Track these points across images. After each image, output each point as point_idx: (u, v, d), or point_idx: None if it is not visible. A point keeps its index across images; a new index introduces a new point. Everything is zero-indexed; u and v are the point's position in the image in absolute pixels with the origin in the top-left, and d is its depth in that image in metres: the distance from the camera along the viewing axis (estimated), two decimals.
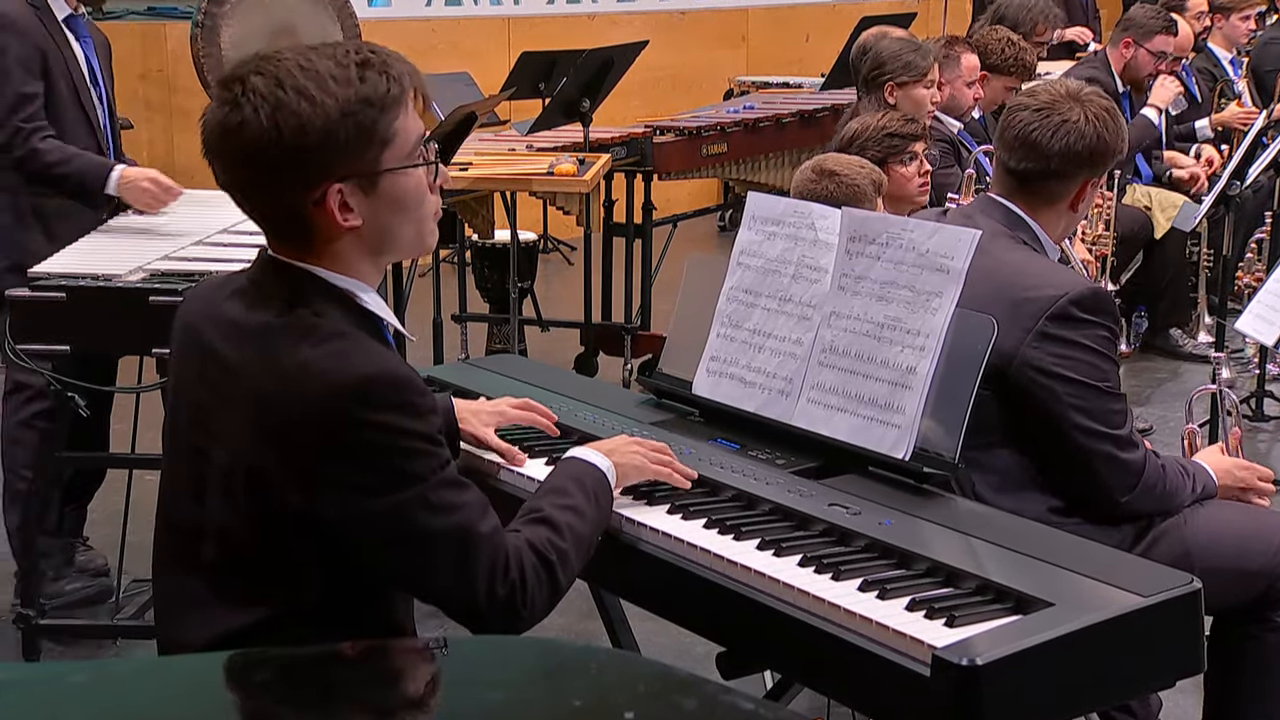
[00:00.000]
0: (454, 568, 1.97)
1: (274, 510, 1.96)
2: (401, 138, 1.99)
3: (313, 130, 1.92)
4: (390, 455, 1.93)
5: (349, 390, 1.91)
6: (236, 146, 1.94)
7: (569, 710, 1.51)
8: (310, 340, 1.96)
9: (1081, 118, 2.76)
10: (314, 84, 1.92)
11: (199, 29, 5.12)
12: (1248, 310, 3.95)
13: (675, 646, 3.51)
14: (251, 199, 2.02)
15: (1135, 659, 2.07)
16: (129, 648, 3.75)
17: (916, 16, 7.78)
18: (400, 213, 2.03)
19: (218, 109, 1.96)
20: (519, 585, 2.01)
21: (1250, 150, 5.46)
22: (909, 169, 3.89)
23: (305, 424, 1.92)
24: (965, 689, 1.89)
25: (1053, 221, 2.84)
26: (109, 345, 3.64)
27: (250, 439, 1.96)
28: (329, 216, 1.98)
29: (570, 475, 2.27)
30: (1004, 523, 2.34)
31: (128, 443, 4.04)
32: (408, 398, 1.95)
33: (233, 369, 2.00)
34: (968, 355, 2.39)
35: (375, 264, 2.07)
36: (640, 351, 5.72)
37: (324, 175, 1.95)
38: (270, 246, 2.07)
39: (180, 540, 2.09)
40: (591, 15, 8.80)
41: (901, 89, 4.62)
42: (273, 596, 2.00)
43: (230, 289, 2.08)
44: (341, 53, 1.96)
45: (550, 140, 5.53)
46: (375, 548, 1.97)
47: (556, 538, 2.10)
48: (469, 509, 2.00)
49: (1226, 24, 7.33)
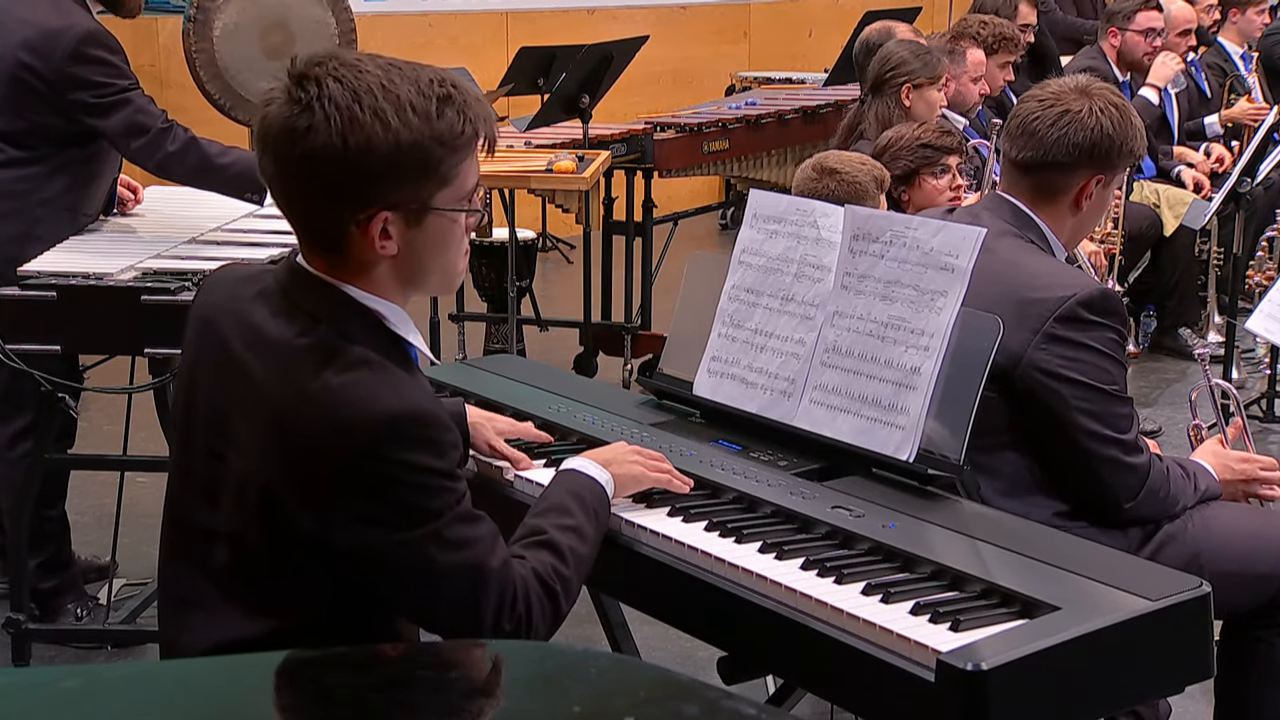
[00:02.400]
0: (462, 603, 1.97)
1: (286, 529, 1.95)
2: (460, 180, 1.98)
3: (378, 155, 1.89)
4: (409, 491, 1.92)
5: (374, 426, 1.89)
6: (299, 150, 1.90)
7: (569, 716, 1.50)
8: (336, 365, 1.93)
9: (1085, 110, 2.73)
10: (392, 108, 1.89)
11: (191, 23, 5.10)
12: (1258, 309, 3.93)
13: (676, 651, 3.50)
14: (296, 204, 1.98)
15: (1143, 664, 2.06)
16: (121, 653, 3.73)
17: (921, 10, 7.77)
18: (439, 252, 2.01)
19: (286, 105, 1.91)
20: (524, 619, 2.01)
21: (1261, 146, 5.44)
22: (940, 181, 3.86)
23: (325, 453, 1.90)
24: (971, 694, 1.88)
25: (1058, 222, 2.80)
26: (100, 345, 3.62)
27: (267, 458, 1.94)
28: (368, 240, 1.95)
29: (569, 491, 2.24)
30: (1010, 525, 2.33)
31: (119, 444, 4.01)
32: (431, 435, 1.93)
33: (254, 381, 1.97)
34: (973, 356, 2.37)
35: (403, 294, 2.04)
36: (640, 351, 5.70)
37: (376, 200, 1.93)
38: (302, 254, 2.03)
39: (190, 538, 2.08)
40: (591, 9, 8.78)
41: (918, 90, 4.61)
42: (280, 609, 2.00)
43: (255, 289, 2.05)
44: (425, 81, 1.93)
45: (549, 137, 5.52)
46: (385, 579, 1.97)
47: (561, 565, 2.10)
48: (481, 544, 1.98)
49: (1242, 18, 7.29)
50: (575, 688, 1.56)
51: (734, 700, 1.46)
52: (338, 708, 1.57)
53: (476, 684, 1.66)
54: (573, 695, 1.54)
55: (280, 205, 2.01)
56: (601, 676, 1.60)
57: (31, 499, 3.60)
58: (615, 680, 1.59)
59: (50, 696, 1.57)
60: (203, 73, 5.35)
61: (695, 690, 1.50)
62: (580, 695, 1.54)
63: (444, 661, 1.76)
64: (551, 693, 1.57)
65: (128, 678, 1.73)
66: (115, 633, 3.72)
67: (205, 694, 1.61)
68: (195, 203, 4.03)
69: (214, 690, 1.63)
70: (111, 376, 4.05)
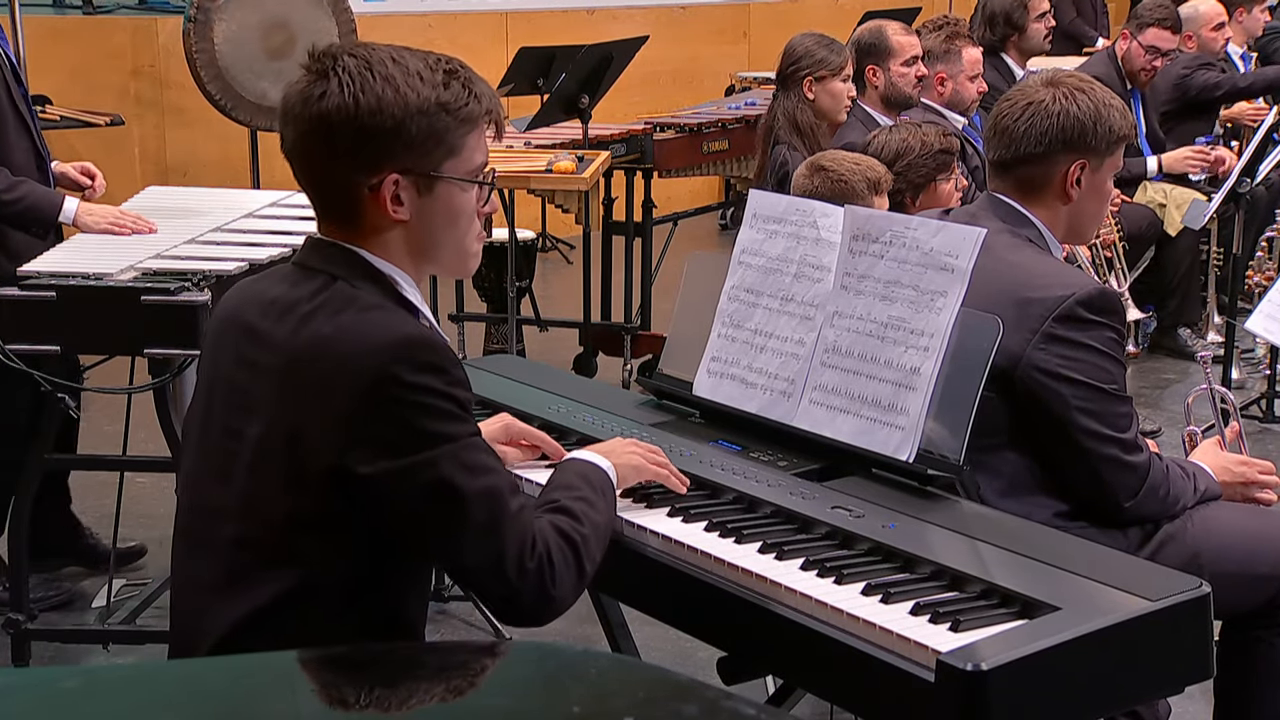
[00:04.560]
0: (484, 533, 2.00)
1: (305, 474, 1.99)
2: (467, 154, 2.09)
3: (388, 116, 2.01)
4: (424, 414, 1.98)
5: (387, 348, 1.97)
6: (313, 113, 2.02)
7: (569, 716, 1.49)
8: (350, 310, 2.02)
9: (1050, 98, 2.74)
10: (400, 75, 2.03)
11: (191, 24, 5.10)
12: (1258, 310, 3.93)
13: (676, 651, 3.50)
14: (312, 168, 2.08)
15: (1143, 664, 2.06)
16: (120, 653, 3.72)
17: (921, 10, 7.76)
18: (448, 225, 2.11)
19: (304, 78, 2.05)
20: (547, 562, 2.03)
21: (1261, 146, 5.43)
22: (950, 185, 3.89)
23: (340, 380, 1.97)
24: (971, 695, 1.88)
25: (1052, 216, 2.80)
26: (100, 345, 3.62)
27: (285, 400, 2.01)
28: (381, 205, 2.05)
29: (575, 473, 2.27)
30: (1009, 526, 2.32)
31: (118, 445, 4.00)
32: (443, 363, 2.01)
33: (269, 338, 2.06)
34: (973, 356, 2.37)
35: (416, 267, 2.13)
36: (640, 352, 5.70)
37: (386, 162, 2.04)
38: (319, 226, 2.13)
39: (201, 522, 2.11)
40: (591, 10, 8.77)
41: (820, 83, 4.61)
42: (286, 579, 2.02)
43: (275, 275, 2.16)
44: (433, 59, 2.07)
45: (549, 137, 5.52)
46: (407, 507, 1.99)
47: (576, 523, 2.12)
48: (500, 476, 2.04)
49: (1248, 17, 7.27)
50: (575, 688, 1.56)
51: (734, 700, 1.46)
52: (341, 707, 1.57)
53: (475, 680, 1.66)
54: (573, 695, 1.54)
55: (299, 176, 2.10)
56: (601, 676, 1.59)
57: (31, 499, 3.59)
58: (615, 680, 1.59)
59: (50, 696, 1.56)
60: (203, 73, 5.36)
61: (695, 690, 1.50)
62: (580, 695, 1.53)
63: (443, 660, 1.76)
64: (551, 693, 1.56)
65: (128, 678, 1.72)
66: (115, 633, 3.71)
67: (205, 694, 1.61)
68: (195, 203, 4.02)
69: (214, 690, 1.63)
70: (112, 377, 4.05)
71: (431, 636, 3.39)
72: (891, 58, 4.88)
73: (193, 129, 6.98)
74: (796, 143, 4.52)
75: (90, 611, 3.99)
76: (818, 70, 4.62)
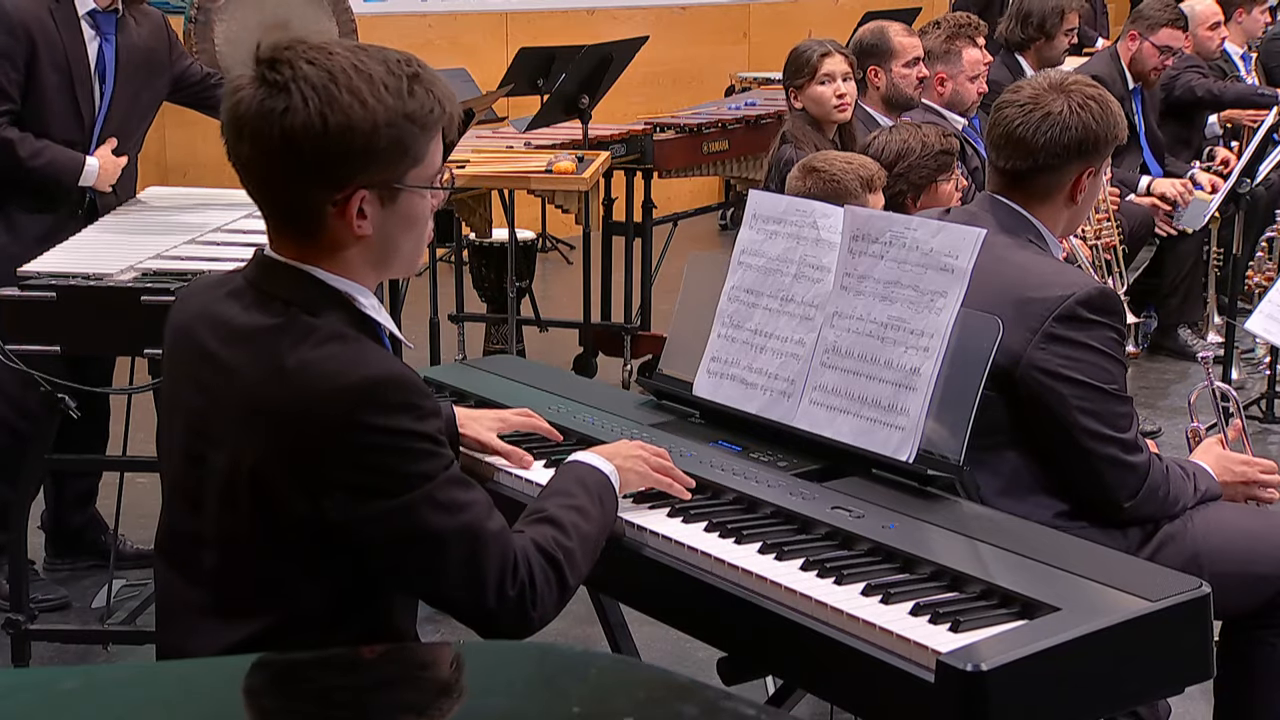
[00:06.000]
0: (464, 567, 1.97)
1: (277, 514, 1.95)
2: (429, 160, 2.01)
3: (358, 133, 1.91)
4: (396, 457, 1.92)
5: (353, 393, 1.90)
6: (276, 131, 1.91)
7: (568, 716, 1.50)
8: (310, 341, 1.94)
9: (1065, 108, 2.73)
10: (367, 87, 1.92)
11: (192, 24, 5.09)
12: (1258, 310, 3.92)
13: (676, 652, 3.49)
14: (271, 187, 1.98)
15: (1143, 665, 2.06)
16: (120, 653, 3.72)
17: (921, 11, 7.76)
18: (408, 230, 2.03)
19: (259, 89, 1.92)
20: (528, 585, 2.00)
21: (1260, 147, 5.43)
22: (950, 185, 3.89)
23: (309, 427, 1.90)
24: (970, 695, 1.88)
25: (1053, 217, 2.81)
26: (100, 346, 3.62)
27: (251, 442, 1.94)
28: (345, 221, 1.97)
29: (573, 478, 2.25)
30: (1009, 526, 2.32)
31: (119, 445, 4.00)
32: (412, 400, 1.94)
33: (229, 371, 1.98)
34: (973, 356, 2.37)
35: (373, 275, 2.05)
36: (640, 352, 5.69)
37: (354, 179, 1.95)
38: (271, 243, 2.04)
39: (180, 546, 2.08)
40: (591, 10, 8.77)
41: (801, 92, 4.66)
42: (275, 606, 1.99)
43: (225, 290, 2.06)
44: (394, 61, 1.96)
45: (549, 137, 5.51)
46: (384, 550, 1.96)
47: (562, 536, 2.09)
48: (476, 508, 1.99)
49: (1248, 18, 7.26)
50: (575, 688, 1.56)
51: (734, 701, 1.46)
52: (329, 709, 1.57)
53: (455, 682, 1.66)
54: (572, 695, 1.54)
55: (254, 191, 2.00)
56: (601, 677, 1.59)
57: (30, 499, 3.59)
58: (615, 680, 1.59)
59: (50, 697, 1.56)
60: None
61: (695, 690, 1.49)
62: (580, 695, 1.53)
63: (423, 661, 1.76)
64: (551, 693, 1.57)
65: (128, 678, 1.72)
66: (115, 633, 3.71)
67: (205, 694, 1.61)
68: (195, 203, 4.02)
69: (214, 690, 1.63)
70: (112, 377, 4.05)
71: (432, 636, 3.39)
72: (893, 59, 4.89)
73: (193, 129, 6.96)
74: (802, 143, 4.53)
75: (90, 611, 3.99)
76: (795, 80, 4.69)
